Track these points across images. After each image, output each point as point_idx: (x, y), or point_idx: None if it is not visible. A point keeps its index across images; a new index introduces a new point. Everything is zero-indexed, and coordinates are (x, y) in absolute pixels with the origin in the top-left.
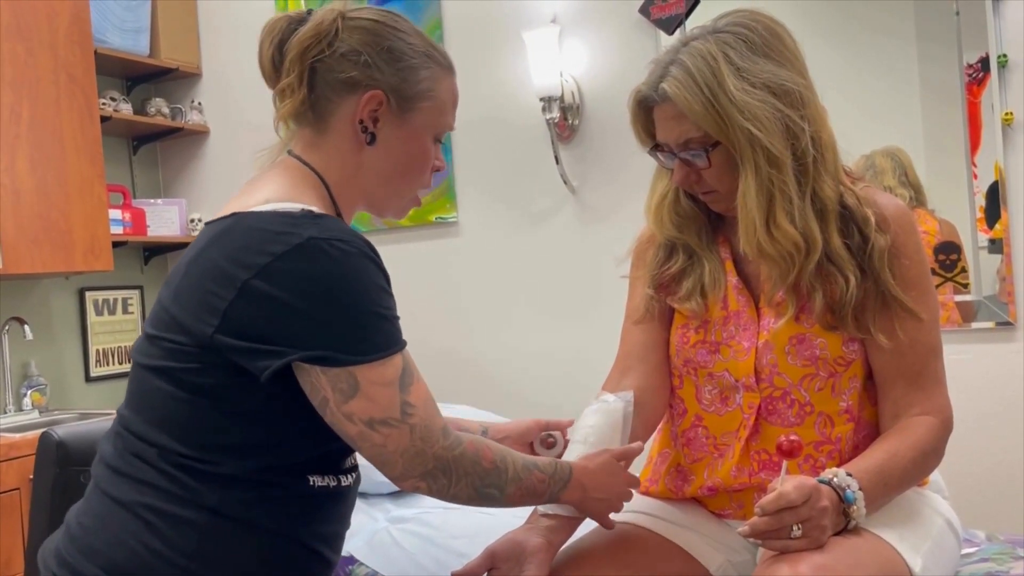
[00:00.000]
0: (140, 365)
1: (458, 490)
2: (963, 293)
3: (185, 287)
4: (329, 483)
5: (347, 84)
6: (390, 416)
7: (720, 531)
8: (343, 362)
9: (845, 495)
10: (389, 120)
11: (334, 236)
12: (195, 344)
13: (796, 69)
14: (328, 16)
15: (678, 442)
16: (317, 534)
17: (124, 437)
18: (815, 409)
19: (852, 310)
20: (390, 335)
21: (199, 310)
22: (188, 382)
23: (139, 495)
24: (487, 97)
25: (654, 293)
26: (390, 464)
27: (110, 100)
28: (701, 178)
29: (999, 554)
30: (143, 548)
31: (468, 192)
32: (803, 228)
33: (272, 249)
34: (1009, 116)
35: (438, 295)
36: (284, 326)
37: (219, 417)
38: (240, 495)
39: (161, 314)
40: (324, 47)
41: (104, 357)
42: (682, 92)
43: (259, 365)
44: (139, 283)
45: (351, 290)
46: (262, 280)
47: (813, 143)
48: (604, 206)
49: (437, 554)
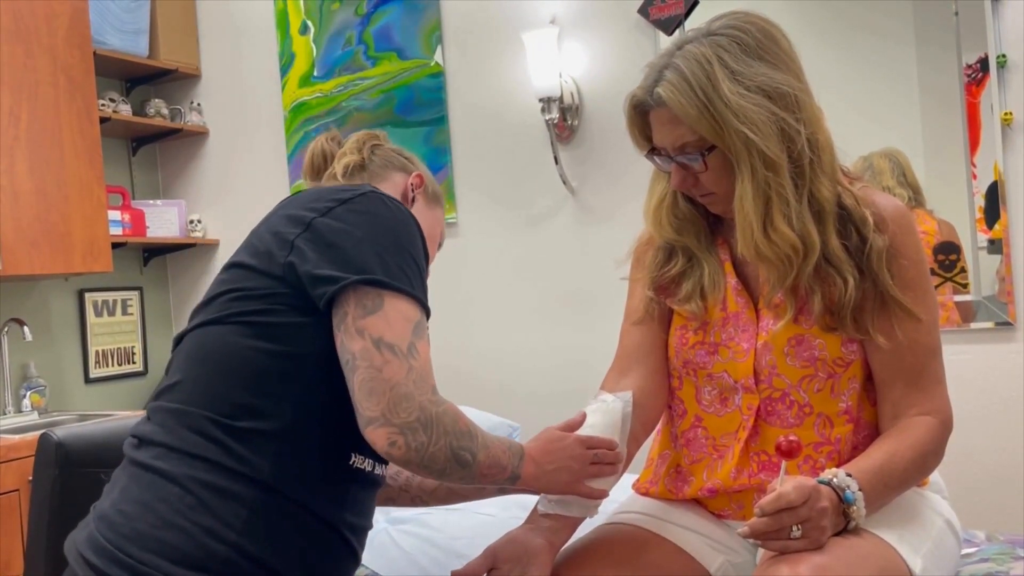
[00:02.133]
0: (200, 325)
1: (436, 450)
2: (963, 293)
3: (256, 241)
4: (366, 467)
5: (399, 166)
6: (398, 344)
7: (720, 532)
8: (377, 283)
9: (845, 495)
10: (422, 199)
11: (394, 199)
12: (265, 283)
13: (791, 71)
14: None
15: (678, 443)
16: (352, 526)
17: (173, 412)
18: (814, 410)
19: (851, 311)
20: (423, 287)
21: (272, 247)
22: (255, 323)
23: (191, 469)
24: (486, 98)
25: (653, 295)
26: (377, 395)
27: (109, 101)
28: (699, 181)
29: (999, 554)
30: (194, 526)
31: (467, 193)
32: (800, 230)
33: (339, 197)
34: (1008, 116)
35: (437, 295)
36: (342, 250)
37: (283, 361)
38: (287, 466)
39: (225, 274)
40: (381, 142)
41: (103, 358)
42: (677, 96)
43: (318, 292)
44: (138, 284)
45: (404, 233)
46: (328, 218)
47: (809, 145)
48: (604, 207)
49: (436, 555)
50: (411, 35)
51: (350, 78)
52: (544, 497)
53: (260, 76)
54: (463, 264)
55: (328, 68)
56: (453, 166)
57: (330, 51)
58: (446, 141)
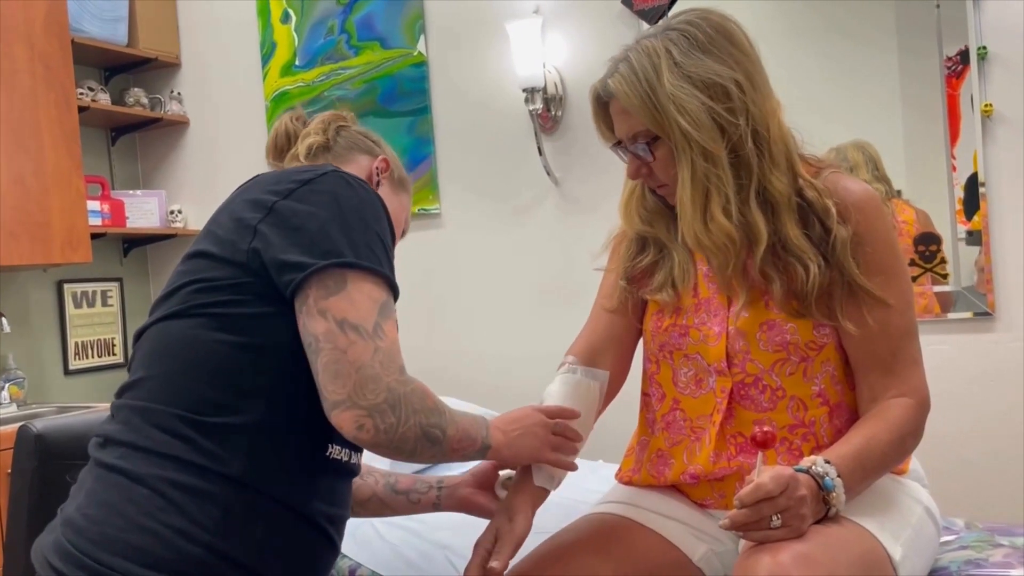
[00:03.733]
0: (162, 319)
1: (406, 430)
2: (942, 284)
3: (217, 228)
4: (343, 457)
5: (365, 148)
6: (362, 325)
7: (702, 521)
8: (342, 264)
9: (824, 482)
10: (387, 184)
11: (358, 178)
12: (229, 272)
13: (741, 66)
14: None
15: (657, 427)
16: (329, 516)
17: (138, 410)
18: (787, 393)
19: (817, 298)
20: (388, 264)
21: (234, 234)
22: (220, 315)
23: (160, 469)
24: (470, 88)
25: (627, 285)
26: (343, 377)
27: (88, 90)
28: (652, 172)
29: (978, 542)
30: (164, 528)
31: (451, 184)
32: (741, 221)
33: (300, 178)
34: (989, 108)
35: (420, 286)
36: (307, 232)
37: (251, 353)
38: (263, 461)
39: (186, 264)
40: (347, 123)
41: (83, 350)
42: (623, 87)
43: (284, 280)
44: (118, 275)
45: (370, 212)
46: (290, 200)
47: (754, 137)
48: (587, 197)
49: (421, 546)
50: (394, 24)
51: (332, 67)
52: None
53: (241, 65)
54: (446, 254)
55: (310, 57)
56: (436, 156)
57: (312, 40)
58: (429, 131)
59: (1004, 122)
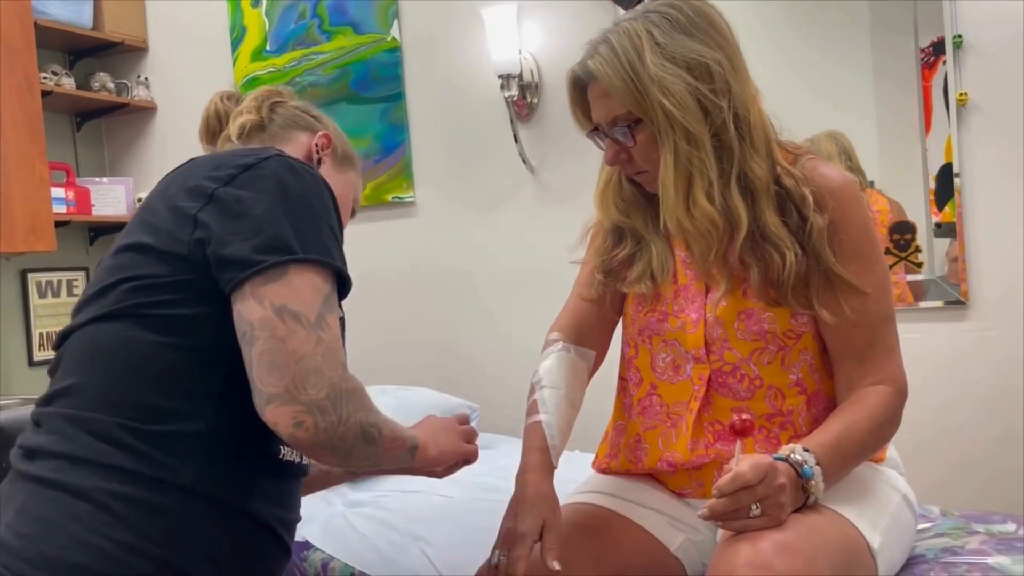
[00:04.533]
0: (92, 321)
1: (346, 429)
2: (916, 272)
3: (151, 217)
4: (296, 458)
5: (304, 125)
6: (304, 314)
7: (680, 510)
8: (282, 250)
9: (803, 470)
10: (329, 161)
11: (303, 163)
12: (167, 268)
13: (722, 50)
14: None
15: (633, 411)
16: (282, 520)
17: (71, 419)
18: (764, 382)
19: (793, 286)
20: (340, 255)
21: (173, 224)
22: (159, 316)
23: (104, 481)
24: (445, 76)
25: (604, 279)
26: (280, 368)
27: (51, 74)
28: (631, 158)
29: (954, 529)
30: (113, 545)
31: (425, 171)
32: (723, 206)
33: (241, 163)
34: (964, 97)
35: (394, 275)
36: (251, 220)
37: (194, 356)
38: (213, 468)
39: (117, 259)
40: (283, 99)
41: (48, 341)
42: (604, 69)
43: (226, 277)
44: (84, 264)
45: (316, 199)
46: (232, 187)
47: (736, 121)
48: (563, 186)
49: (392, 537)
50: (366, 9)
51: (304, 52)
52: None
53: (210, 49)
54: (420, 243)
55: (281, 42)
56: (411, 144)
57: (283, 24)
58: (403, 118)
59: (979, 111)
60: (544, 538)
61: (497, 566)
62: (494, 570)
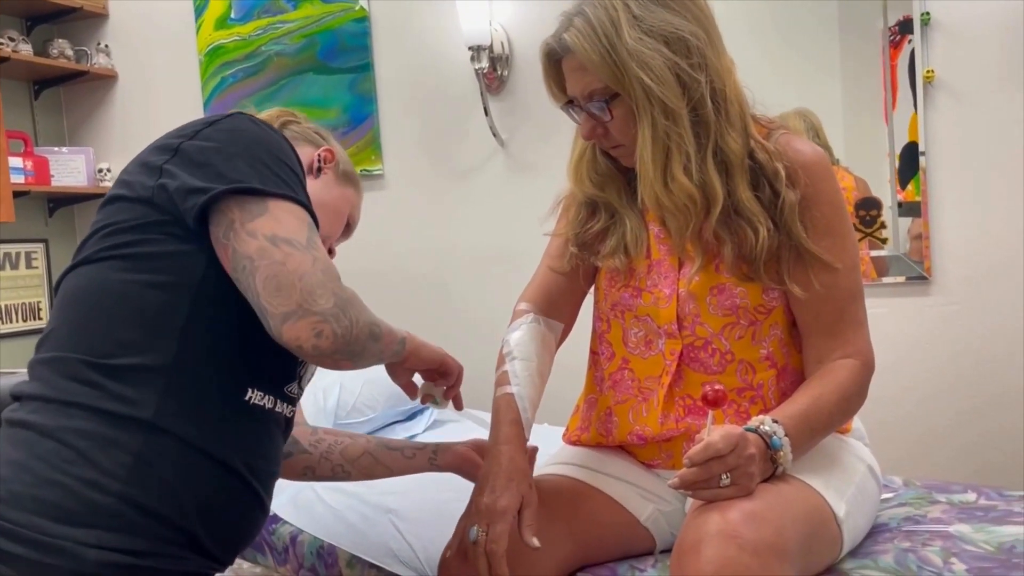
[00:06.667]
0: (73, 268)
1: (358, 331)
2: (880, 248)
3: (125, 175)
4: (266, 403)
5: (309, 139)
6: (295, 238)
7: (650, 481)
8: (257, 192)
9: (772, 441)
10: (331, 173)
11: (265, 121)
12: (136, 212)
13: (699, 22)
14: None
15: (605, 385)
16: (252, 467)
17: (48, 362)
18: (735, 357)
19: (765, 261)
20: (306, 195)
21: (141, 175)
22: (129, 255)
23: (67, 419)
24: (414, 47)
25: (577, 252)
26: (287, 288)
27: (8, 40)
28: (608, 132)
29: (916, 499)
30: (74, 480)
31: (394, 144)
32: (701, 181)
33: (206, 120)
34: (930, 74)
35: (362, 248)
36: (214, 166)
37: (162, 292)
38: (175, 403)
39: (100, 212)
40: (297, 119)
41: (6, 314)
42: (581, 42)
43: (188, 205)
44: (44, 236)
45: (276, 146)
46: (196, 140)
47: (713, 95)
48: (534, 159)
49: (364, 510)
50: None
51: (270, 21)
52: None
53: (173, 17)
54: (389, 216)
55: (246, 10)
56: (379, 115)
57: None
58: (372, 89)
59: (945, 88)
60: (522, 514)
61: (476, 541)
62: (472, 546)
